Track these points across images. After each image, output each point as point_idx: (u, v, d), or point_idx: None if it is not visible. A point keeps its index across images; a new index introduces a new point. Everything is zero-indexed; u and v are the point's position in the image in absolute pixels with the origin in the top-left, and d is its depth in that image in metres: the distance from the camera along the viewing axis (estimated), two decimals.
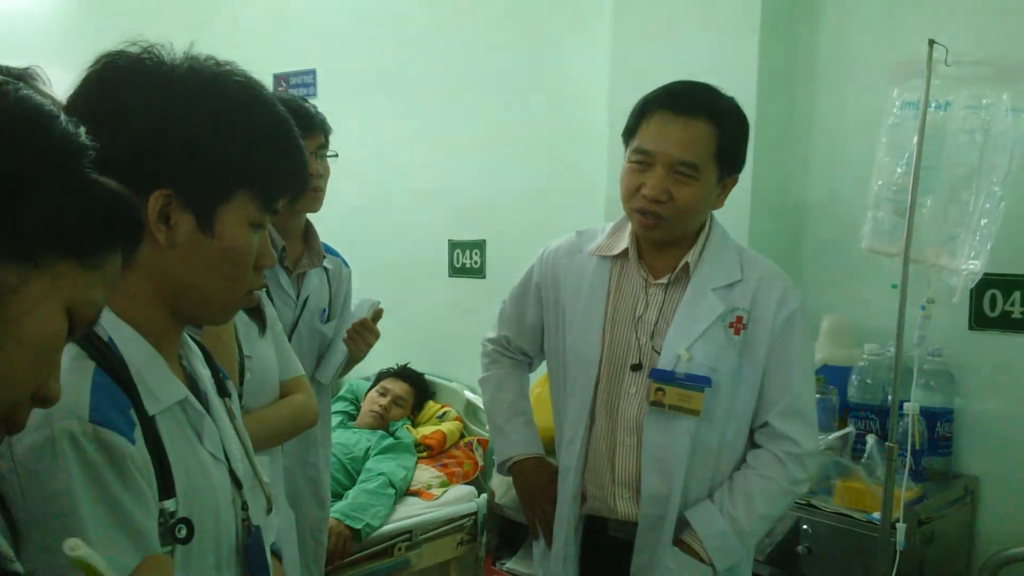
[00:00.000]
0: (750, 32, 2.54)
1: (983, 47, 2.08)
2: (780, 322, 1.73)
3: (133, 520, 0.86)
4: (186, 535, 0.92)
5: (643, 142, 1.71)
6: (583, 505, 1.85)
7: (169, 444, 0.93)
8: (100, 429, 0.85)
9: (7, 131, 0.65)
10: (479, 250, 3.61)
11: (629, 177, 1.73)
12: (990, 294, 2.38)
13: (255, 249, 1.01)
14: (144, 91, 0.93)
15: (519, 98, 3.42)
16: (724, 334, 1.73)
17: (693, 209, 1.72)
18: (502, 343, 2.05)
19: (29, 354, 0.67)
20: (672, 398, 1.71)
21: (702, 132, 1.69)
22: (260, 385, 1.74)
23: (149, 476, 0.89)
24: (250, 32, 4.25)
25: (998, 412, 2.39)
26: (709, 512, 1.74)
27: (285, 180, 1.02)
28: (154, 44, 0.97)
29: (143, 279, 0.96)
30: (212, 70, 0.97)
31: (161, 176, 0.92)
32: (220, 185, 0.96)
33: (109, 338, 0.93)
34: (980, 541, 2.40)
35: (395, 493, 3.03)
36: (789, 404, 1.74)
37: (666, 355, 1.73)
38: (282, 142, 1.00)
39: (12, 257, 0.65)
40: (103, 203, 0.71)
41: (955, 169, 2.03)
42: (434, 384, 3.70)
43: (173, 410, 0.97)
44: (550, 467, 1.94)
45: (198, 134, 0.93)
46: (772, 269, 1.80)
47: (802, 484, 1.77)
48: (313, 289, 2.16)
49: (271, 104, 1.00)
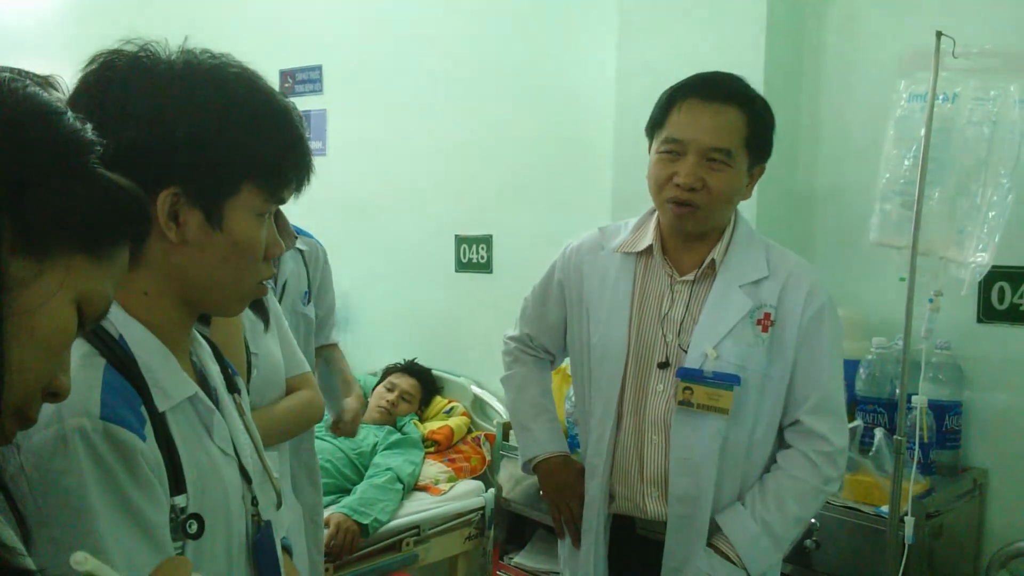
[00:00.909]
0: (757, 24, 2.53)
1: (991, 38, 2.07)
2: (808, 318, 1.72)
3: (145, 516, 0.86)
4: (197, 531, 0.92)
5: (673, 131, 1.69)
6: (611, 504, 1.83)
7: (179, 440, 0.94)
8: (111, 426, 0.85)
9: (16, 126, 0.66)
10: (486, 245, 3.60)
11: (659, 168, 1.71)
12: (998, 287, 2.37)
13: (264, 239, 1.01)
14: (144, 90, 0.93)
15: (526, 93, 3.42)
16: (752, 331, 1.71)
17: (727, 197, 1.70)
18: (524, 341, 2.03)
19: (40, 348, 0.68)
20: (701, 397, 1.69)
21: (734, 118, 1.68)
22: (266, 382, 1.74)
23: (160, 472, 0.89)
24: (256, 28, 4.25)
25: (1007, 405, 2.38)
26: (741, 516, 1.72)
27: (290, 169, 1.02)
28: (150, 42, 0.97)
29: (154, 276, 0.96)
30: (209, 64, 0.97)
31: (167, 175, 0.92)
32: (226, 179, 0.96)
33: (120, 335, 0.94)
34: (989, 534, 2.39)
35: (403, 488, 3.03)
36: (819, 401, 1.72)
37: (693, 353, 1.71)
38: (284, 131, 1.01)
39: (23, 251, 0.66)
40: (112, 196, 0.72)
41: (963, 161, 2.02)
42: (441, 379, 3.70)
43: (183, 406, 0.97)
44: (576, 465, 1.93)
45: (201, 130, 0.93)
46: (799, 264, 1.78)
47: (834, 482, 1.74)
48: (290, 272, 2.17)
49: (270, 94, 1.00)
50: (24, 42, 5.17)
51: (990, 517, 2.40)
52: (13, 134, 0.66)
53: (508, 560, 2.96)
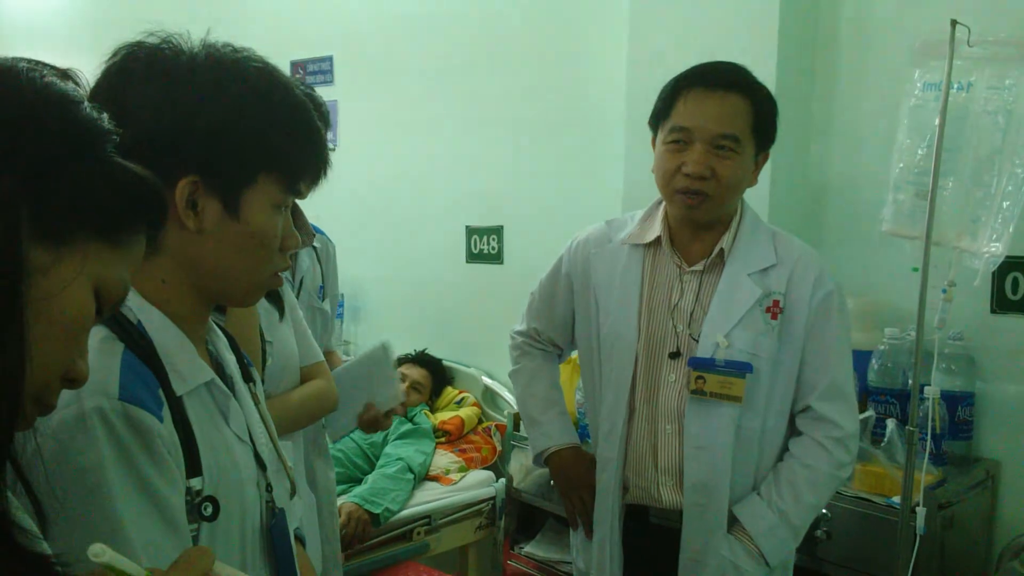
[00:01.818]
0: (770, 12, 2.51)
1: (1006, 26, 2.05)
2: (816, 304, 1.72)
3: (161, 495, 0.87)
4: (212, 513, 0.94)
5: (680, 120, 1.69)
6: (624, 495, 1.84)
7: (196, 424, 0.95)
8: (129, 407, 0.86)
9: (34, 114, 0.67)
10: (497, 236, 3.61)
11: (666, 158, 1.71)
12: (1012, 277, 2.36)
13: (280, 231, 1.02)
14: (166, 82, 0.94)
15: (537, 83, 3.42)
16: (762, 319, 1.72)
17: (736, 184, 1.71)
18: (531, 335, 2.04)
19: (59, 334, 0.69)
20: (713, 385, 1.70)
21: (739, 105, 1.68)
22: (281, 371, 1.75)
23: (177, 454, 0.91)
24: (266, 19, 4.26)
25: (1019, 396, 2.37)
26: (758, 507, 1.73)
27: (306, 162, 1.04)
28: (172, 34, 0.98)
29: (172, 264, 0.97)
30: (231, 57, 0.99)
31: (186, 164, 0.94)
32: (244, 169, 0.97)
33: (138, 321, 0.95)
34: (1001, 525, 2.38)
35: (414, 478, 3.05)
36: (828, 386, 1.73)
37: (704, 343, 1.72)
38: (302, 125, 1.02)
39: (41, 238, 0.66)
40: (128, 184, 0.73)
41: (977, 151, 2.01)
42: (452, 370, 3.71)
43: (200, 391, 0.98)
44: (587, 456, 1.94)
45: (221, 121, 0.94)
46: (806, 251, 1.78)
47: (847, 467, 1.75)
48: (306, 269, 2.20)
49: (289, 88, 1.02)
50: (37, 34, 5.18)
51: (1002, 508, 2.39)
52: (30, 123, 0.66)
53: (519, 550, 2.97)
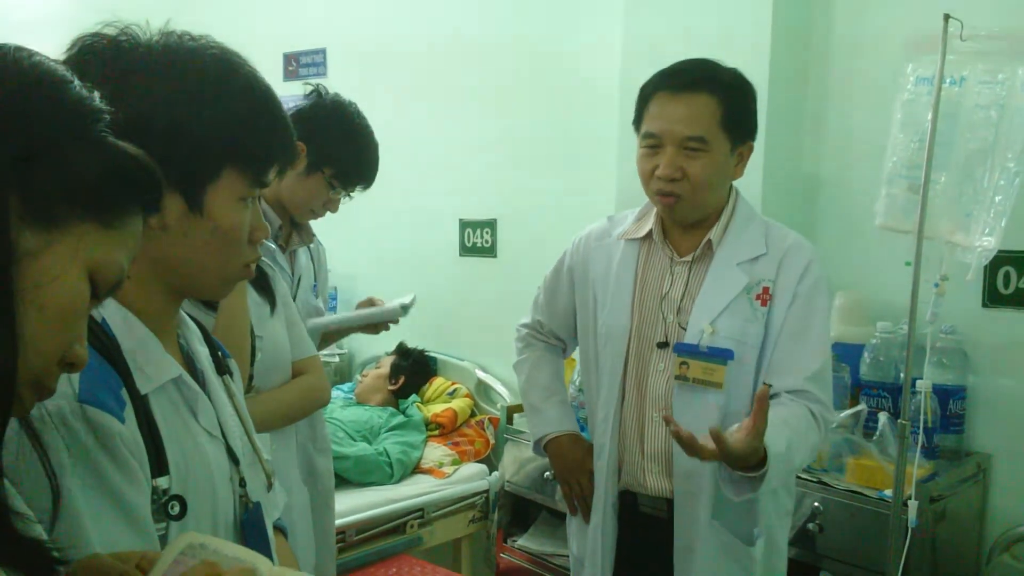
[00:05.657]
0: (763, 6, 2.50)
1: (999, 21, 2.05)
2: (806, 288, 1.74)
3: (124, 497, 0.86)
4: (179, 512, 0.92)
5: (649, 126, 1.75)
6: (618, 481, 1.87)
7: (162, 422, 0.93)
8: (89, 408, 0.85)
9: (22, 95, 0.65)
10: (490, 229, 3.60)
11: (643, 162, 1.77)
12: (1004, 271, 2.36)
13: (247, 223, 1.01)
14: (120, 77, 0.91)
15: (531, 75, 3.41)
16: (750, 306, 1.74)
17: (708, 182, 1.73)
18: (536, 328, 2.10)
19: (53, 318, 0.67)
20: (696, 371, 1.73)
21: (704, 105, 1.70)
22: (271, 365, 1.74)
23: (140, 454, 0.89)
24: (259, 11, 4.23)
25: (1011, 390, 2.37)
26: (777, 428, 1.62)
27: (271, 151, 1.01)
28: (130, 24, 0.96)
29: (137, 262, 0.95)
30: (187, 46, 0.96)
31: None
32: (206, 164, 0.95)
33: (102, 319, 0.93)
34: (992, 518, 2.39)
35: (391, 473, 3.10)
36: (819, 370, 1.73)
37: (691, 330, 1.75)
38: (263, 113, 0.99)
39: (32, 221, 0.65)
40: (120, 164, 0.71)
41: (970, 145, 2.01)
42: (445, 363, 3.71)
43: (167, 388, 0.97)
44: (585, 443, 1.98)
45: (179, 114, 0.92)
46: (798, 241, 1.80)
47: (816, 448, 1.74)
48: (304, 267, 2.22)
49: (249, 75, 0.99)
50: (24, 30, 5.15)
51: (993, 501, 2.40)
52: (19, 102, 0.65)
53: (512, 543, 2.98)
